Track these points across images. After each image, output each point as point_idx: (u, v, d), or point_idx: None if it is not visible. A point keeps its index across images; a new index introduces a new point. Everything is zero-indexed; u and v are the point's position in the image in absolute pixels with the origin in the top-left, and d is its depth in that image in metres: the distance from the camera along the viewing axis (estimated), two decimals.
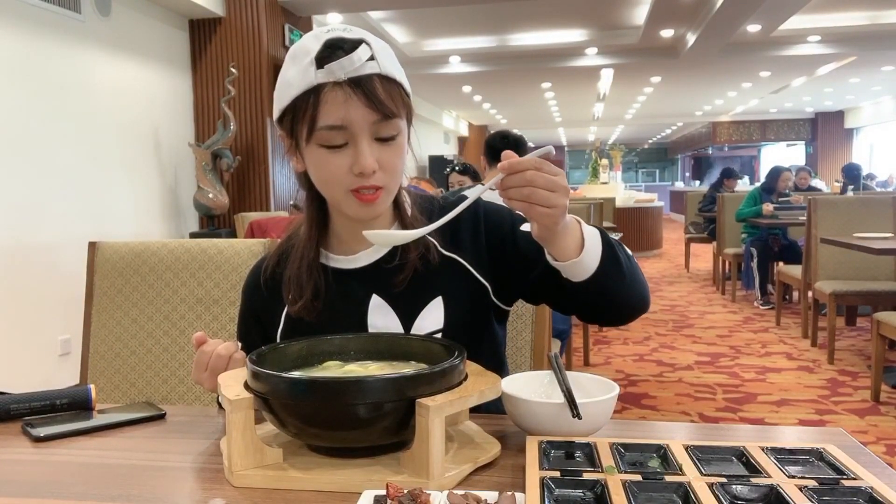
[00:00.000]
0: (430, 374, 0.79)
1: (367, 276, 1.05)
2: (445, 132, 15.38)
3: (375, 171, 0.95)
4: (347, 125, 0.92)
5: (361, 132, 0.93)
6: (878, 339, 3.26)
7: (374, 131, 0.94)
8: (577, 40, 8.15)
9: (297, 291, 1.04)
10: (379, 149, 0.95)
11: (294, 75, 0.94)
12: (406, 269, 1.02)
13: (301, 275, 1.04)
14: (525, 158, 0.83)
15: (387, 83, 0.93)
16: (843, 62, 9.47)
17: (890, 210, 4.29)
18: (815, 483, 0.69)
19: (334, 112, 0.92)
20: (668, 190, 21.17)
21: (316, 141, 0.94)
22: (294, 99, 0.94)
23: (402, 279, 1.02)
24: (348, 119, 0.92)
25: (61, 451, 0.91)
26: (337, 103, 0.91)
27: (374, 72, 0.92)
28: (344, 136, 0.93)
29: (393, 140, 0.96)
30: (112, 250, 1.54)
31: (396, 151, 0.97)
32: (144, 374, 1.49)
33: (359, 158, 0.93)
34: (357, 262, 1.06)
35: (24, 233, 3.60)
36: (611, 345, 4.77)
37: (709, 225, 7.60)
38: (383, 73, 0.93)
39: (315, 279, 1.04)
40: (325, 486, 0.77)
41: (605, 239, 0.95)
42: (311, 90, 0.92)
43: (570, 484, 0.70)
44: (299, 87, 0.93)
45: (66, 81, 3.94)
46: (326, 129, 0.93)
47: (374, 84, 0.92)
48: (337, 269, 1.06)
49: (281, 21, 5.48)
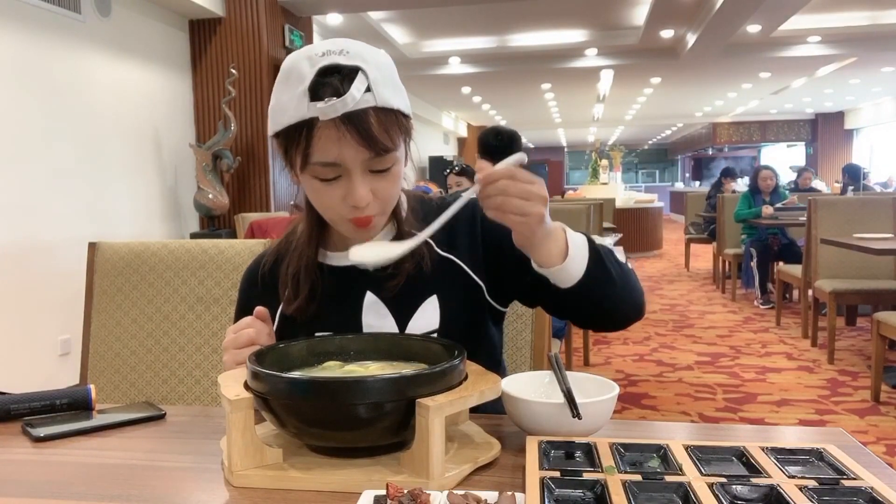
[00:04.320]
0: (430, 374, 0.79)
1: (362, 273, 1.02)
2: (445, 133, 15.39)
3: (369, 202, 0.95)
4: (340, 162, 0.92)
5: (354, 167, 0.92)
6: (878, 338, 3.26)
7: (367, 165, 0.93)
8: (577, 41, 8.16)
9: (294, 291, 1.05)
10: (373, 179, 0.95)
11: (288, 102, 0.92)
12: (399, 274, 1.02)
13: (298, 274, 1.04)
14: (498, 168, 0.84)
15: (383, 115, 0.91)
16: (843, 63, 9.48)
17: (890, 210, 4.29)
18: (815, 483, 0.69)
19: (327, 150, 0.90)
20: (668, 191, 21.18)
21: (309, 173, 0.94)
22: (287, 127, 0.92)
23: (395, 284, 1.02)
24: (341, 157, 0.91)
25: (61, 451, 0.91)
26: (330, 140, 0.90)
27: (370, 105, 0.90)
28: (336, 171, 0.93)
29: (388, 171, 0.95)
30: (112, 251, 1.54)
31: (391, 181, 0.96)
32: (144, 374, 1.49)
33: (352, 192, 0.93)
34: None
35: (24, 233, 3.61)
36: (611, 345, 4.77)
37: (709, 225, 7.61)
38: (379, 106, 0.91)
39: (312, 279, 1.04)
40: (325, 486, 0.77)
41: (592, 246, 0.96)
42: (303, 123, 0.90)
43: (570, 484, 0.70)
44: (292, 117, 0.91)
45: (66, 82, 3.94)
46: (320, 164, 0.92)
47: (368, 120, 0.89)
48: (333, 266, 1.06)
49: (281, 21, 5.48)
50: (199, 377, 1.48)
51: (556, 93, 12.04)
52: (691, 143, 22.58)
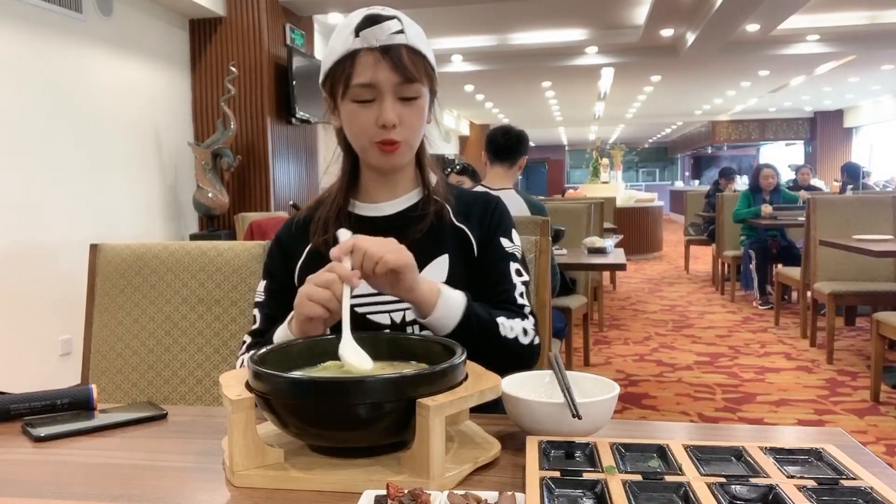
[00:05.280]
0: (430, 374, 0.79)
1: (387, 223, 1.16)
2: (447, 131, 15.38)
3: (396, 125, 1.09)
4: (375, 84, 1.07)
5: (386, 91, 1.08)
6: (877, 339, 3.26)
7: (397, 92, 1.08)
8: (578, 39, 8.15)
9: (323, 228, 1.17)
10: (401, 107, 1.09)
11: (337, 44, 1.10)
12: (426, 219, 1.16)
13: (329, 216, 1.17)
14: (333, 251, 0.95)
15: (412, 53, 1.09)
16: (842, 61, 9.47)
17: (890, 210, 4.29)
18: (815, 483, 0.69)
19: (365, 72, 1.07)
20: (668, 189, 21.16)
21: (350, 97, 1.09)
22: (335, 62, 1.10)
23: (422, 228, 1.15)
24: (376, 79, 1.07)
25: (62, 451, 0.91)
26: (368, 65, 1.07)
27: (402, 42, 1.08)
28: (372, 93, 1.08)
29: (414, 101, 1.10)
30: (113, 252, 1.54)
31: (416, 112, 1.11)
32: (146, 374, 1.49)
33: (382, 113, 1.08)
34: (381, 211, 1.19)
35: (24, 232, 3.61)
36: (611, 345, 4.78)
37: (708, 226, 7.60)
38: (410, 45, 1.08)
39: (341, 221, 1.15)
40: (325, 486, 0.77)
41: (468, 318, 1.04)
42: (348, 55, 1.08)
43: (570, 484, 0.71)
44: (340, 52, 1.09)
45: (66, 81, 3.94)
46: (358, 86, 1.08)
47: (400, 52, 1.07)
48: (361, 215, 1.19)
49: (282, 21, 5.48)
50: (200, 377, 1.48)
51: (557, 91, 12.04)
52: (691, 142, 22.57)
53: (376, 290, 1.01)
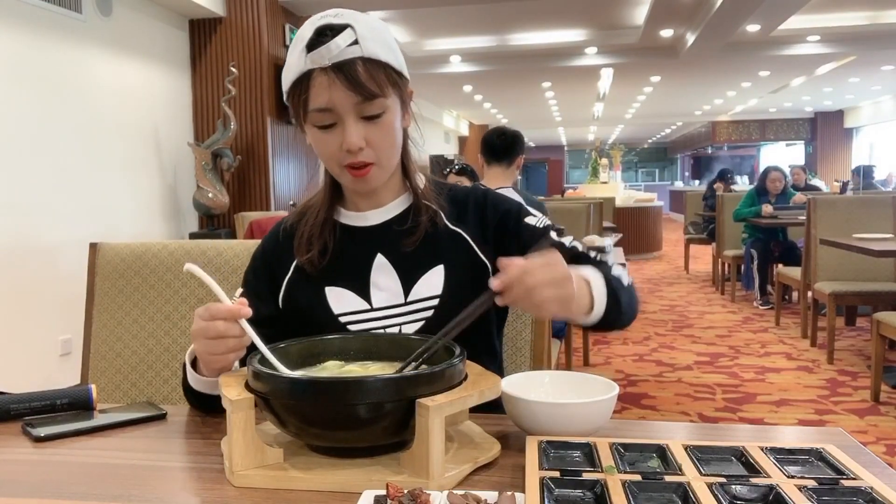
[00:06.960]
0: (430, 374, 0.79)
1: (374, 234, 1.11)
2: (446, 132, 15.38)
3: (362, 147, 1.01)
4: (333, 107, 0.99)
5: (346, 113, 0.99)
6: (877, 339, 3.26)
7: (359, 111, 1.00)
8: (577, 40, 8.15)
9: (308, 244, 1.11)
10: (365, 127, 1.01)
11: (293, 60, 1.01)
12: (418, 230, 1.08)
13: (314, 229, 1.11)
14: (510, 271, 0.84)
15: (370, 66, 0.99)
16: (842, 62, 9.47)
17: (890, 210, 4.29)
18: (815, 483, 0.69)
19: (320, 96, 0.99)
20: (667, 189, 21.17)
21: (310, 122, 1.02)
22: (291, 83, 1.02)
23: (414, 240, 1.08)
24: (333, 102, 0.99)
25: (61, 451, 0.91)
26: (323, 87, 0.98)
27: (357, 56, 0.98)
28: (332, 117, 1.00)
29: (379, 118, 1.01)
30: (113, 252, 1.54)
31: (383, 129, 1.02)
32: (145, 374, 1.49)
33: (346, 137, 1.00)
34: (367, 221, 1.12)
35: (23, 232, 3.61)
36: (611, 345, 4.78)
37: (708, 225, 7.59)
38: (367, 56, 0.99)
39: (325, 235, 1.11)
40: (325, 486, 0.77)
41: (609, 286, 0.98)
42: (302, 76, 1.00)
43: (570, 484, 0.71)
44: (294, 73, 1.00)
45: (66, 81, 3.94)
46: (316, 111, 1.00)
47: (355, 68, 0.98)
48: (347, 225, 1.13)
49: (281, 21, 5.48)
50: None
51: (557, 91, 12.04)
52: (691, 142, 22.57)
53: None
